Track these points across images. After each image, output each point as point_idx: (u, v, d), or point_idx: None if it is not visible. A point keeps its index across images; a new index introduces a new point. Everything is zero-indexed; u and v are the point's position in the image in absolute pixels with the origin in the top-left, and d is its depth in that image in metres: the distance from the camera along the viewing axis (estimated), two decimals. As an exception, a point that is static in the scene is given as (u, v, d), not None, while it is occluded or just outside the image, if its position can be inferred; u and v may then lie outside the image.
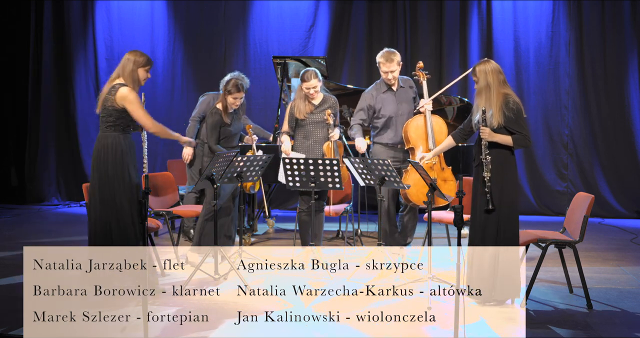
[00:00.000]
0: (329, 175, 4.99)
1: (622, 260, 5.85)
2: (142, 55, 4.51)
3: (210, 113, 5.47)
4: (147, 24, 9.13)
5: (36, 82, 9.28)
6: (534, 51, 8.48)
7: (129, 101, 4.36)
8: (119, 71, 4.48)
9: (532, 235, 4.61)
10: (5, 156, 9.50)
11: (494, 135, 4.26)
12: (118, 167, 4.36)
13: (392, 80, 5.47)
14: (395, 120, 5.48)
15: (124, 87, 4.39)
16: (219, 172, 4.80)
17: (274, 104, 7.15)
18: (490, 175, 4.23)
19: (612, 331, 3.98)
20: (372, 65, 8.84)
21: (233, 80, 5.43)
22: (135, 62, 4.46)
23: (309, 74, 5.46)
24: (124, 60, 4.49)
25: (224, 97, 5.41)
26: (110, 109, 4.39)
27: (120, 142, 4.39)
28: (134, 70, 4.45)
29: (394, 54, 5.43)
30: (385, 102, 5.49)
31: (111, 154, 4.36)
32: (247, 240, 6.39)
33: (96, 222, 4.38)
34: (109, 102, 4.38)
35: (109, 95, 4.39)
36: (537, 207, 8.49)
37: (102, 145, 4.38)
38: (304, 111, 5.50)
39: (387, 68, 5.41)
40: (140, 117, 4.41)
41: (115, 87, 4.41)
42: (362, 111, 5.55)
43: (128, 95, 4.36)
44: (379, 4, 8.75)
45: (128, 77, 4.44)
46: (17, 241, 6.50)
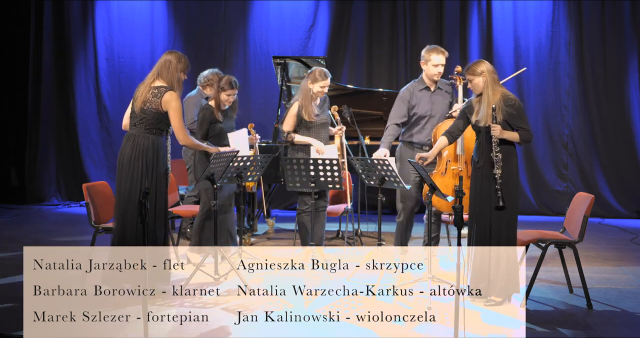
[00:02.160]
0: (329, 175, 4.99)
1: (622, 260, 5.85)
2: (184, 58, 4.48)
3: (202, 109, 5.43)
4: (147, 24, 9.13)
5: (36, 82, 9.28)
6: (534, 51, 8.48)
7: (173, 108, 4.35)
8: (158, 72, 4.42)
9: (532, 235, 4.61)
10: (5, 156, 9.50)
11: (504, 132, 4.28)
12: (155, 168, 4.40)
13: (439, 76, 5.28)
14: (426, 120, 5.31)
15: (171, 92, 4.36)
16: (219, 172, 4.79)
17: (274, 104, 7.15)
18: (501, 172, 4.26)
19: (612, 331, 3.98)
20: (372, 65, 8.88)
21: (227, 77, 5.40)
22: (179, 66, 4.43)
23: (323, 72, 5.35)
24: (166, 62, 4.42)
25: (217, 94, 5.38)
26: (153, 112, 4.37)
27: (159, 145, 4.43)
28: (179, 75, 4.43)
29: (443, 50, 5.29)
30: (420, 100, 5.32)
31: (152, 155, 4.38)
32: (247, 240, 6.39)
33: (124, 220, 4.41)
34: (153, 105, 4.36)
35: (154, 98, 4.35)
36: (537, 207, 8.49)
37: (144, 146, 4.38)
38: (312, 113, 5.37)
39: (439, 61, 5.22)
40: (178, 127, 4.39)
41: (160, 90, 4.36)
42: (397, 107, 5.32)
43: (174, 102, 4.35)
44: (379, 4, 8.76)
45: (173, 81, 4.41)
46: (17, 241, 6.49)
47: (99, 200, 5.00)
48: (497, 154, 4.27)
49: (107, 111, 9.21)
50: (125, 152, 4.42)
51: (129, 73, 9.14)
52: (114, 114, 9.19)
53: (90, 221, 4.88)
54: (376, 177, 4.95)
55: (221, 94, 5.35)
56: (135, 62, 9.13)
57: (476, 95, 4.45)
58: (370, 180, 5.04)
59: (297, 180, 5.07)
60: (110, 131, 9.20)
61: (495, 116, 4.27)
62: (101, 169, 9.23)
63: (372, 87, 8.32)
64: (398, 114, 5.33)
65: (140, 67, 9.11)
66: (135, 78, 9.13)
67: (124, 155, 4.43)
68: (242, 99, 8.99)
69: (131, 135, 4.43)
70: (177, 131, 4.41)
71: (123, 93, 9.14)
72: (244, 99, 8.95)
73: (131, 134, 4.44)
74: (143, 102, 4.37)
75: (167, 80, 4.40)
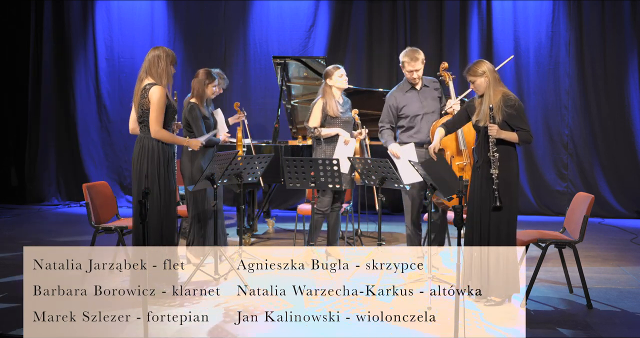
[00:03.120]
0: (329, 175, 4.99)
1: (622, 260, 5.85)
2: (171, 52, 4.56)
3: (190, 109, 5.36)
4: (147, 24, 9.13)
5: (36, 82, 9.29)
6: (534, 51, 8.48)
7: (153, 101, 4.41)
8: (147, 69, 4.51)
9: (532, 235, 4.61)
10: (5, 156, 9.50)
11: (501, 131, 4.27)
12: (165, 167, 4.51)
13: (417, 80, 5.33)
14: (421, 118, 5.32)
15: (156, 87, 4.44)
16: (219, 171, 4.79)
17: (274, 104, 7.15)
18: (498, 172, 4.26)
19: (612, 331, 3.98)
20: (372, 65, 8.88)
21: (204, 71, 5.46)
22: (167, 60, 4.51)
23: (334, 65, 5.55)
24: (154, 58, 4.50)
25: (203, 88, 5.40)
26: (148, 112, 4.45)
27: (165, 143, 4.49)
28: (168, 69, 4.51)
29: (418, 52, 5.31)
30: (409, 101, 5.35)
31: (157, 155, 4.46)
32: (247, 240, 6.39)
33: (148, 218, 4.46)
34: (145, 105, 4.45)
35: (143, 99, 4.46)
36: (537, 207, 8.49)
37: (150, 146, 4.46)
38: (336, 109, 5.52)
39: (412, 67, 5.27)
40: (152, 119, 4.42)
41: (146, 88, 4.46)
42: (385, 112, 5.42)
43: (155, 95, 4.41)
44: (379, 4, 8.75)
45: (162, 75, 4.49)
46: (17, 241, 6.50)
47: (99, 200, 5.00)
48: (495, 154, 4.26)
49: (107, 111, 9.21)
50: (134, 154, 4.53)
51: (129, 73, 9.14)
52: (114, 114, 9.19)
53: (90, 221, 4.88)
54: (376, 177, 4.95)
55: (208, 87, 5.39)
56: (135, 62, 9.13)
57: (478, 96, 4.44)
58: (370, 180, 5.04)
59: (297, 180, 5.07)
60: (110, 131, 9.21)
61: (492, 116, 4.27)
62: (101, 169, 9.23)
63: (372, 87, 8.31)
64: (387, 119, 5.41)
65: (140, 67, 9.09)
66: (135, 78, 9.08)
67: (133, 158, 4.54)
68: (243, 98, 9.02)
69: (139, 137, 4.54)
70: (151, 123, 4.42)
71: (123, 93, 9.15)
72: (244, 98, 8.97)
73: (139, 136, 4.55)
74: (139, 105, 4.47)
75: (156, 75, 4.48)
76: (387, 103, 5.44)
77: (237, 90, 8.99)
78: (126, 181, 9.17)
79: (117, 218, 5.21)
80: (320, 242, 6.50)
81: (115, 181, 9.14)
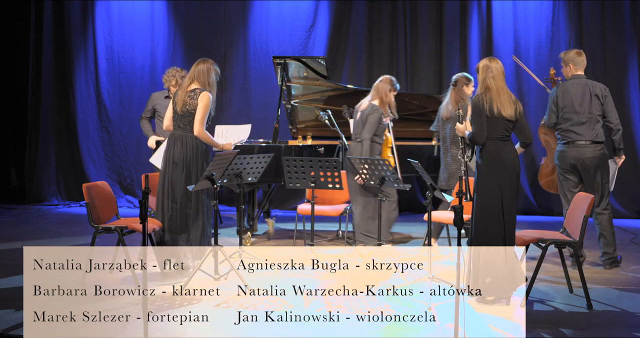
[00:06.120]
0: (329, 175, 4.99)
1: (622, 260, 5.85)
2: (215, 65, 5.08)
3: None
4: (147, 24, 9.13)
5: (36, 82, 9.29)
6: (534, 51, 8.47)
7: (201, 105, 4.91)
8: (195, 77, 4.99)
9: (532, 235, 4.61)
10: (5, 156, 9.50)
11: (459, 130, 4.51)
12: (206, 163, 4.95)
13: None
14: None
15: (205, 92, 4.95)
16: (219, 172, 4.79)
17: (274, 104, 7.15)
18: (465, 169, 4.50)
19: (612, 331, 3.98)
20: (372, 65, 8.87)
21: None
22: (211, 70, 5.02)
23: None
24: (202, 69, 4.98)
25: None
26: (193, 113, 4.93)
27: (201, 143, 5.00)
28: (212, 79, 5.03)
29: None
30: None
31: (201, 152, 4.98)
32: (247, 240, 6.39)
33: (178, 212, 4.94)
34: (191, 106, 4.93)
35: (191, 100, 4.93)
36: (537, 207, 8.48)
37: (193, 144, 4.95)
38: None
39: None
40: (197, 120, 4.92)
41: (196, 91, 4.94)
42: None
43: (203, 100, 4.92)
44: (379, 4, 8.75)
45: (206, 83, 4.99)
46: (17, 241, 6.50)
47: (99, 200, 4.99)
48: (466, 153, 4.51)
49: (107, 111, 9.21)
50: (175, 151, 4.94)
51: (129, 73, 9.14)
52: (114, 114, 9.19)
53: (90, 221, 4.88)
54: (376, 177, 4.96)
55: None
56: (135, 62, 9.14)
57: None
58: (370, 180, 5.04)
59: (297, 180, 5.07)
60: (110, 131, 9.21)
61: (459, 115, 4.51)
62: (101, 169, 9.23)
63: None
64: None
65: (140, 67, 9.11)
66: (136, 78, 9.14)
67: (174, 155, 4.94)
68: (243, 98, 9.02)
69: (178, 136, 4.97)
70: (196, 123, 4.93)
71: (123, 93, 9.15)
72: (244, 98, 8.97)
73: (178, 134, 4.98)
74: (183, 105, 4.94)
75: (202, 83, 4.98)
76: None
77: (237, 90, 8.99)
78: (126, 181, 9.17)
79: (117, 218, 5.20)
80: (320, 242, 6.50)
81: (115, 181, 9.14)
